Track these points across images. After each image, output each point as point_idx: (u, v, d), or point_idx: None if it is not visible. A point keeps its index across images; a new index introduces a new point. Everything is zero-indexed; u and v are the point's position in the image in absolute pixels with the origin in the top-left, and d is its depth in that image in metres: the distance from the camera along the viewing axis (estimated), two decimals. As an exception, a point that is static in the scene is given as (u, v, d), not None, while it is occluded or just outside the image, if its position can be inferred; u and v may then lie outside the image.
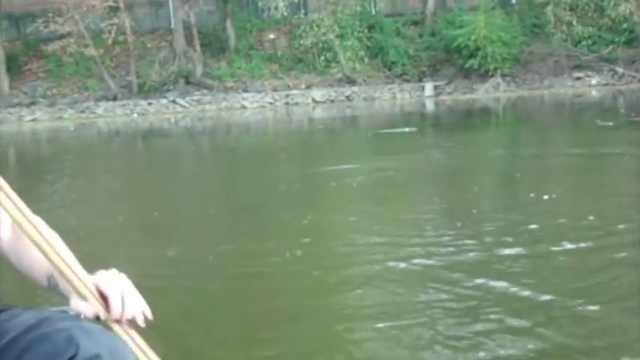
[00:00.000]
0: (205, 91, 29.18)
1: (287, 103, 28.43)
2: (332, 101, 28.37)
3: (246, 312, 4.76)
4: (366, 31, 29.44)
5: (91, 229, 7.70)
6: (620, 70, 28.26)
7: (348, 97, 28.56)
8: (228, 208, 8.74)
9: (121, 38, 29.66)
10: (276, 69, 30.04)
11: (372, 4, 30.97)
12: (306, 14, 30.60)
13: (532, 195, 8.03)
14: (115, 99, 28.96)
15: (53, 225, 1.70)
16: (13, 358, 1.56)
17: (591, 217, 6.66)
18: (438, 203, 8.23)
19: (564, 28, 28.77)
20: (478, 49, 27.80)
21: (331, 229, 7.21)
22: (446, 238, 6.26)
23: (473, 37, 27.70)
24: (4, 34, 30.80)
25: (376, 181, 9.99)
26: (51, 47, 29.08)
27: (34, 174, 14.37)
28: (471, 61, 27.98)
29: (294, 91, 28.99)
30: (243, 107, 28.33)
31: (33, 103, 29.31)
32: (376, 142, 15.91)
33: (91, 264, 1.72)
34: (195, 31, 29.72)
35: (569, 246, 5.76)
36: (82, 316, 1.58)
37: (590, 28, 28.77)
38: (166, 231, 7.51)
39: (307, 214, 7.83)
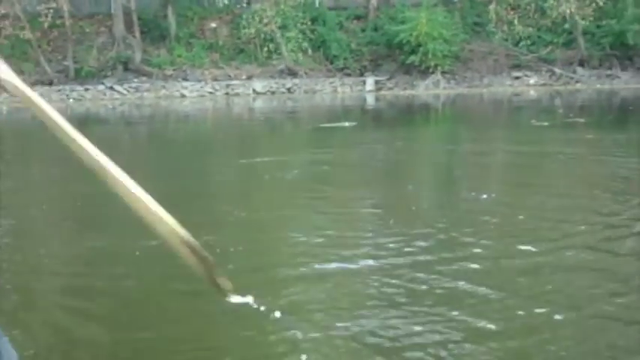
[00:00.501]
0: (144, 78, 28.72)
1: (227, 94, 28.17)
2: (273, 93, 28.21)
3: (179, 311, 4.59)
4: (309, 23, 29.32)
5: (12, 216, 7.42)
6: (558, 71, 28.70)
7: (289, 90, 28.44)
8: (158, 199, 8.52)
9: (58, 22, 28.99)
10: (217, 58, 29.73)
11: (316, -4, 30.87)
12: (249, 4, 30.35)
13: (472, 193, 8.01)
14: (50, 84, 28.30)
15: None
16: None
17: (521, 217, 6.66)
18: (376, 199, 8.16)
19: (505, 27, 29.10)
20: (419, 45, 27.93)
21: (262, 222, 7.07)
22: (383, 235, 6.18)
23: (414, 34, 27.82)
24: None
25: (313, 175, 9.87)
26: (-16, 28, 28.31)
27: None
28: (412, 58, 28.09)
29: (234, 82, 28.73)
30: (183, 96, 27.97)
31: (-36, 86, 28.45)
32: (315, 135, 15.82)
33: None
34: (135, 17, 29.22)
35: (505, 245, 5.72)
36: None
37: (530, 29, 29.17)
38: (91, 222, 7.27)
39: (242, 205, 7.68)
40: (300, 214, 7.37)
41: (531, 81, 28.71)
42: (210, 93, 28.23)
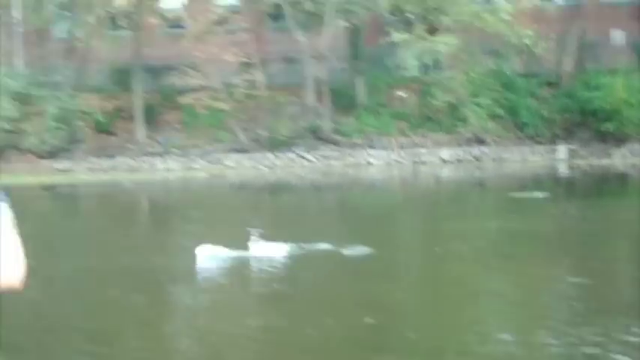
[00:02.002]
0: (333, 146, 29.27)
1: (414, 162, 28.12)
2: (460, 161, 27.88)
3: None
4: (499, 90, 28.87)
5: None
6: None
7: (476, 158, 28.00)
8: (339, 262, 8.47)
9: (254, 93, 30.22)
10: (404, 127, 29.84)
11: (506, 63, 30.37)
12: (437, 73, 30.32)
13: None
14: (244, 151, 29.44)
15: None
16: None
17: None
18: (575, 279, 7.66)
19: None
20: (615, 112, 26.75)
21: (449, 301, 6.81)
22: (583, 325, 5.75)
23: (610, 100, 26.69)
24: (144, 85, 31.94)
25: (504, 247, 9.50)
26: (186, 99, 29.96)
27: (162, 223, 14.58)
28: (607, 125, 26.93)
29: (421, 150, 28.67)
30: (369, 164, 28.21)
31: (166, 153, 30.18)
32: (505, 206, 15.33)
33: None
34: (325, 88, 29.96)
35: None
36: None
37: None
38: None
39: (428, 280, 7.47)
40: (495, 288, 7.06)
41: None
42: (397, 161, 28.31)
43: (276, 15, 31.99)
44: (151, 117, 31.43)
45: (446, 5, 28.20)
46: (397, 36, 27.55)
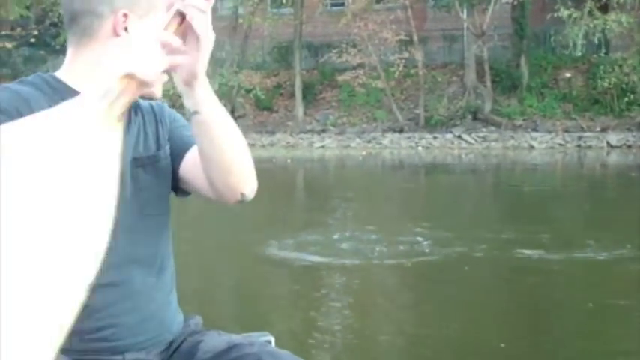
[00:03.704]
0: (492, 128, 28.41)
1: (579, 146, 26.83)
2: (629, 147, 26.34)
3: None
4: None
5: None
6: None
7: (647, 144, 26.35)
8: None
9: (412, 71, 29.82)
10: (569, 109, 28.56)
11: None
12: (607, 53, 28.79)
13: None
14: (401, 131, 29.11)
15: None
16: None
17: None
18: None
19: None
20: None
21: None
22: None
23: None
24: (304, 62, 32.21)
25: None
26: (344, 77, 29.93)
27: (317, 200, 14.54)
28: None
29: (587, 134, 27.33)
30: (531, 147, 27.16)
31: (323, 131, 30.28)
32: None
33: None
34: (487, 67, 29.10)
35: None
36: None
37: None
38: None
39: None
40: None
41: None
42: (561, 145, 27.10)
43: (438, -8, 31.37)
44: (310, 95, 31.65)
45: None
46: (565, 12, 26.27)
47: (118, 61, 1.36)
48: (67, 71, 1.68)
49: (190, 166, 1.75)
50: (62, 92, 1.61)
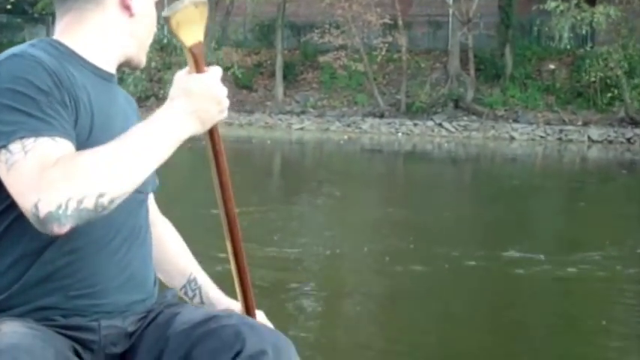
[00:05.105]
0: (474, 117, 28.10)
1: (560, 139, 26.58)
2: (610, 142, 26.11)
3: None
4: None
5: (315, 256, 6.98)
6: None
7: (629, 140, 26.13)
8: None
9: (395, 56, 29.43)
10: (552, 101, 28.27)
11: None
12: (592, 47, 28.54)
13: None
14: (381, 116, 28.73)
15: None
16: (182, 352, 1.63)
17: None
18: None
19: None
20: None
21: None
22: None
23: None
24: (286, 42, 31.70)
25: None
26: (325, 59, 29.46)
27: (292, 184, 14.16)
28: None
29: (568, 127, 27.07)
30: (512, 138, 26.89)
31: (303, 112, 29.84)
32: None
33: None
34: (471, 55, 28.75)
35: None
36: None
37: None
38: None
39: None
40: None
41: None
42: (542, 137, 26.82)
43: (425, -24, 30.97)
44: (291, 75, 31.17)
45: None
46: (552, 4, 25.91)
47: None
48: (72, 37, 1.69)
49: None
50: (70, 58, 1.65)
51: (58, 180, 1.41)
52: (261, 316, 1.88)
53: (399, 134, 27.56)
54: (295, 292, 6.04)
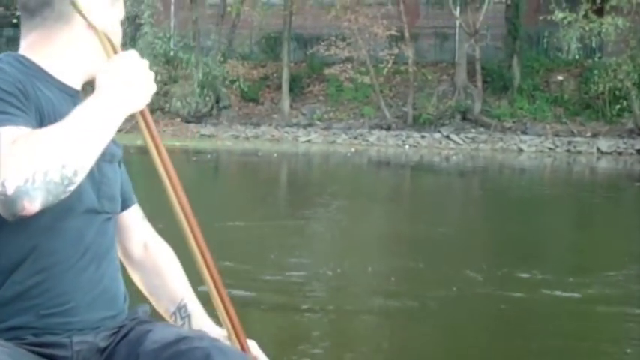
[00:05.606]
0: (482, 129, 27.91)
1: (568, 151, 26.36)
2: (619, 154, 25.88)
3: None
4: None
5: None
6: None
7: (638, 151, 25.90)
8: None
9: (402, 68, 29.30)
10: (560, 113, 28.09)
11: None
12: (600, 58, 28.36)
13: None
14: (388, 128, 28.57)
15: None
16: None
17: None
18: None
19: None
20: None
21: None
22: None
23: None
24: (292, 54, 31.62)
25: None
26: (332, 71, 29.34)
27: (298, 196, 14.01)
28: None
29: (577, 139, 26.87)
30: (520, 150, 26.68)
31: (309, 125, 29.70)
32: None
33: None
34: (478, 66, 28.60)
35: None
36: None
37: None
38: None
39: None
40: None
41: None
42: (550, 149, 26.61)
43: (431, -12, 30.90)
44: (297, 88, 31.07)
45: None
46: (560, 15, 25.75)
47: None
48: (39, 54, 1.72)
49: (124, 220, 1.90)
50: (36, 73, 1.68)
51: (21, 154, 1.43)
52: (253, 346, 1.84)
53: (406, 147, 27.36)
54: (299, 314, 5.86)
